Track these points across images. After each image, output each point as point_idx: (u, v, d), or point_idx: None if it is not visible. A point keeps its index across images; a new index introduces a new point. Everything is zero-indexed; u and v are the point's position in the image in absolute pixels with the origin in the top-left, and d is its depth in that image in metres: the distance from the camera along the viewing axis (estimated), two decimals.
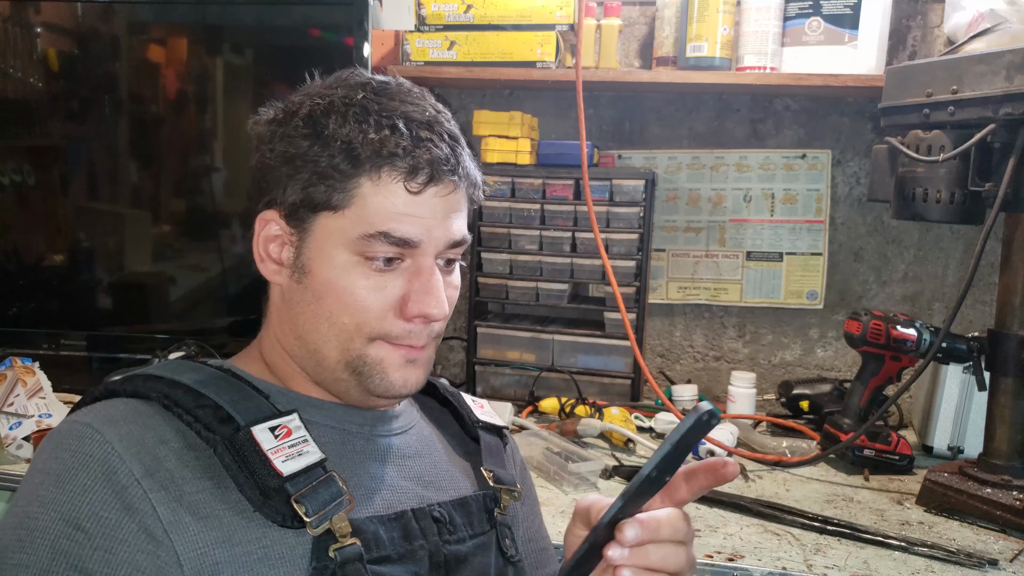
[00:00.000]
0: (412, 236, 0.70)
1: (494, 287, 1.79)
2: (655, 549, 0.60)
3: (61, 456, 0.64)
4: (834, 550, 1.10)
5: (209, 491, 0.65)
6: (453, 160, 0.72)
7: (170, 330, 1.64)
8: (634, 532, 0.59)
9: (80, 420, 0.66)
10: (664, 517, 0.61)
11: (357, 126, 0.70)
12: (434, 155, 0.70)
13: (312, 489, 0.66)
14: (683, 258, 1.90)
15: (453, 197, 0.73)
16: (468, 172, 0.74)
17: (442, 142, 0.71)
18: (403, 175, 0.70)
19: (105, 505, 0.61)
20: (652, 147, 1.89)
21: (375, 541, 0.68)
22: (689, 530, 0.63)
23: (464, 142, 0.75)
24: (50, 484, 0.63)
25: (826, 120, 1.82)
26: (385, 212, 0.70)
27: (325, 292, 0.72)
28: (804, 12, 1.63)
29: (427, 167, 0.70)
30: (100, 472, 0.62)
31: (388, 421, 0.81)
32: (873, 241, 1.84)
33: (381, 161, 0.69)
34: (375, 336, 0.72)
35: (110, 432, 0.64)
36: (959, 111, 1.18)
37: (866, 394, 1.42)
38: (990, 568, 1.06)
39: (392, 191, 0.70)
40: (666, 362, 1.94)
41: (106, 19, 1.63)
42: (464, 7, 1.68)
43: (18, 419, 1.29)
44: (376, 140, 0.69)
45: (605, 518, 0.59)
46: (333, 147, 0.70)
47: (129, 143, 1.67)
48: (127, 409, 0.68)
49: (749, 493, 1.29)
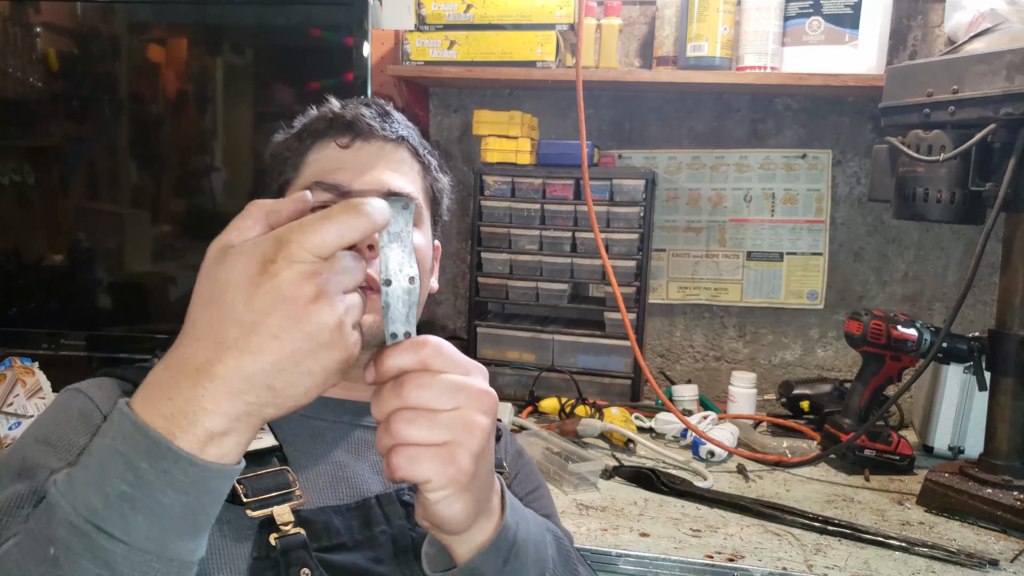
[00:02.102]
0: (341, 181, 0.80)
1: (494, 287, 1.79)
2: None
3: (49, 410, 0.74)
4: (834, 550, 1.10)
5: None
6: (380, 120, 0.83)
7: (170, 330, 1.62)
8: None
9: (71, 386, 0.77)
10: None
11: (307, 115, 0.87)
12: (358, 113, 0.83)
13: (257, 476, 0.69)
14: (683, 258, 1.90)
15: (385, 154, 0.83)
16: (400, 134, 0.84)
17: (369, 109, 0.84)
18: (334, 135, 0.83)
19: (75, 432, 0.68)
20: (652, 147, 1.89)
21: (326, 530, 0.70)
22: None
23: (402, 120, 0.87)
24: (35, 425, 0.72)
25: (826, 120, 1.82)
26: (320, 167, 0.82)
27: None
28: (804, 12, 1.62)
29: (352, 123, 0.82)
30: (76, 415, 0.71)
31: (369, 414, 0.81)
32: (873, 241, 1.84)
33: (318, 129, 0.84)
34: None
35: (93, 391, 0.73)
36: (959, 111, 1.18)
37: (866, 394, 1.42)
38: (991, 568, 1.06)
39: (327, 151, 0.83)
40: (666, 362, 1.94)
41: (106, 19, 1.63)
42: (464, 7, 1.68)
43: (17, 419, 1.29)
44: (316, 116, 0.86)
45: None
46: (291, 135, 0.86)
47: (129, 143, 1.67)
48: (112, 383, 0.76)
49: (749, 493, 1.29)
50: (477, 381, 0.55)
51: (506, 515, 0.62)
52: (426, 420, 0.52)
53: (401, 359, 0.53)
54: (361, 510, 0.73)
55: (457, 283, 2.01)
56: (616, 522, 1.16)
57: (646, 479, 1.30)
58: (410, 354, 0.53)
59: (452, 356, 0.54)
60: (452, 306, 2.03)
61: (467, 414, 0.53)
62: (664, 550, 1.08)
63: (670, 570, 1.06)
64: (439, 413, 0.52)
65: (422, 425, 0.52)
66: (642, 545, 1.09)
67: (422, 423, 0.52)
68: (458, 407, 0.53)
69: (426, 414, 0.52)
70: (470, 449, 0.53)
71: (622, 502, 1.24)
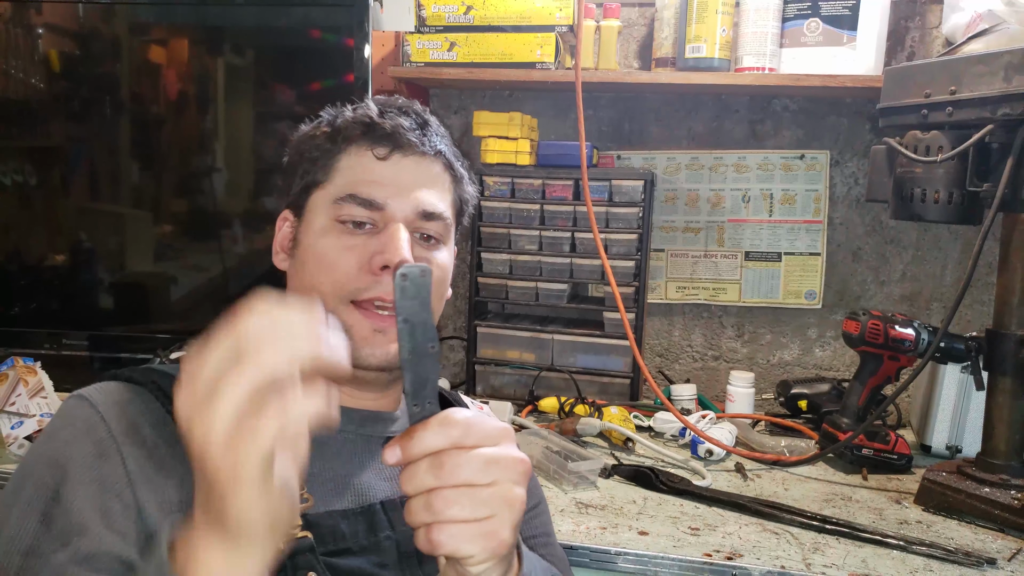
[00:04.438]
0: (377, 198, 0.77)
1: (494, 287, 1.79)
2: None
3: (55, 421, 0.73)
4: (832, 549, 1.10)
5: (180, 457, 0.68)
6: (419, 133, 0.80)
7: (171, 330, 1.65)
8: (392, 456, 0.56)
9: (76, 392, 0.75)
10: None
11: (340, 114, 0.83)
12: (397, 124, 0.79)
13: None
14: (682, 258, 1.91)
15: (422, 170, 0.80)
16: (438, 148, 0.82)
17: (408, 118, 0.81)
18: (370, 143, 0.79)
19: (82, 451, 0.68)
20: (651, 148, 1.90)
21: (332, 534, 0.70)
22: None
23: (439, 131, 0.84)
24: (42, 441, 0.71)
25: (824, 121, 1.82)
26: (355, 178, 0.79)
27: (308, 257, 0.79)
28: (803, 13, 1.63)
29: (391, 135, 0.79)
30: (83, 429, 0.70)
31: (379, 423, 0.82)
32: (871, 241, 1.84)
33: (352, 133, 0.80)
34: (348, 297, 0.77)
35: (97, 398, 0.72)
36: (957, 112, 1.19)
37: (864, 393, 1.43)
38: (988, 567, 1.06)
39: (362, 160, 0.79)
40: (665, 362, 1.95)
41: (107, 20, 1.64)
42: (464, 8, 1.68)
43: (20, 419, 1.29)
44: (350, 118, 0.81)
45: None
46: (321, 133, 0.82)
47: (130, 143, 1.68)
48: (117, 388, 0.75)
49: (748, 492, 1.29)
50: (509, 450, 0.56)
51: (524, 569, 0.65)
52: (467, 499, 0.53)
53: (432, 441, 0.54)
54: (366, 515, 0.73)
55: (457, 283, 2.02)
56: (615, 520, 1.17)
57: (645, 478, 1.30)
58: (440, 436, 0.54)
59: (482, 428, 0.55)
60: (452, 306, 2.03)
61: (505, 488, 0.55)
62: (663, 548, 1.08)
63: (669, 568, 1.06)
64: (478, 489, 0.54)
65: (464, 504, 0.53)
66: (641, 543, 1.10)
67: (464, 502, 0.53)
68: (495, 481, 0.54)
69: (466, 491, 0.53)
70: (510, 522, 0.55)
71: (621, 501, 1.24)
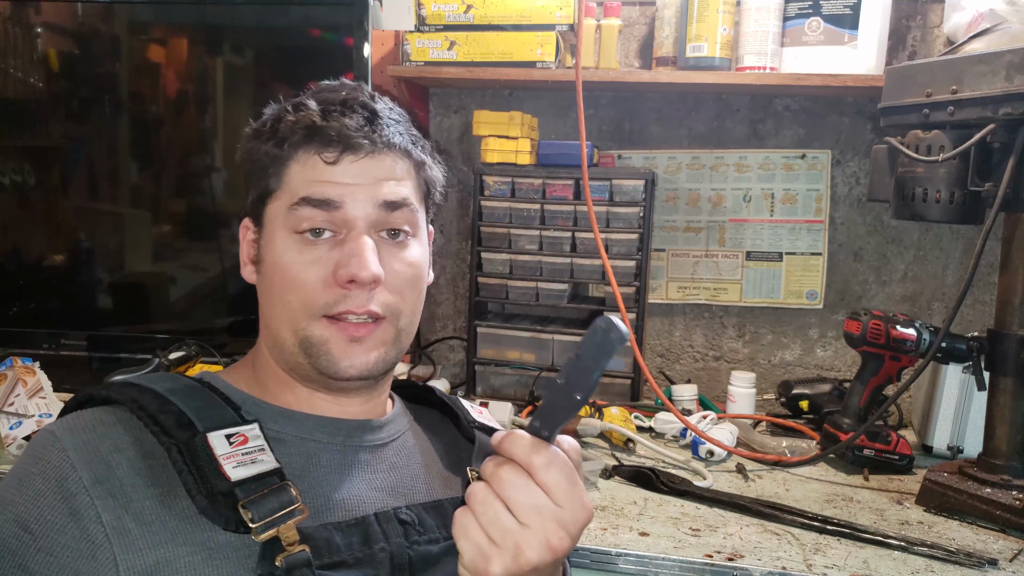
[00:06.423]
0: (332, 196, 0.74)
1: (494, 287, 1.79)
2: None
3: (26, 461, 0.70)
4: (834, 550, 1.10)
5: (157, 498, 0.67)
6: (367, 128, 0.75)
7: (170, 330, 1.64)
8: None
9: (48, 428, 0.71)
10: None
11: (283, 116, 0.78)
12: (342, 124, 0.74)
13: (262, 496, 0.67)
14: (683, 258, 1.90)
15: (374, 163, 0.76)
16: (390, 141, 0.77)
17: (354, 114, 0.76)
18: (316, 147, 0.75)
19: (53, 510, 0.65)
20: (652, 147, 1.89)
21: (327, 547, 0.69)
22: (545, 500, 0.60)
23: (390, 118, 0.78)
24: (12, 486, 0.68)
25: (826, 120, 1.82)
26: (307, 182, 0.75)
27: (273, 274, 0.77)
28: (804, 12, 1.63)
29: (337, 136, 0.74)
30: (53, 478, 0.67)
31: (366, 432, 0.81)
32: (873, 241, 1.84)
33: (298, 139, 0.75)
34: (319, 312, 0.75)
35: (69, 440, 0.69)
36: (959, 111, 1.18)
37: (866, 394, 1.42)
38: (990, 568, 1.06)
39: (312, 164, 0.75)
40: (666, 362, 1.94)
41: (106, 19, 1.63)
42: (464, 7, 1.68)
43: (18, 419, 1.29)
44: (292, 121, 0.76)
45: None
46: (265, 139, 0.78)
47: (129, 143, 1.67)
48: (91, 419, 0.71)
49: (749, 493, 1.29)
50: (569, 500, 0.60)
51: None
52: (503, 515, 0.59)
53: (523, 453, 0.60)
54: (360, 527, 0.72)
55: (457, 283, 2.01)
56: (616, 521, 1.16)
57: (646, 478, 1.30)
58: (533, 455, 0.59)
59: (560, 475, 0.60)
60: (452, 306, 2.03)
61: (540, 528, 0.59)
62: (663, 549, 1.08)
63: (669, 569, 1.06)
64: (514, 512, 0.59)
65: (492, 519, 0.59)
66: (642, 544, 1.09)
67: (498, 517, 0.59)
68: (529, 525, 0.59)
69: (505, 509, 0.59)
70: (535, 555, 0.59)
71: (622, 501, 1.24)
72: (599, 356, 0.56)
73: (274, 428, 0.75)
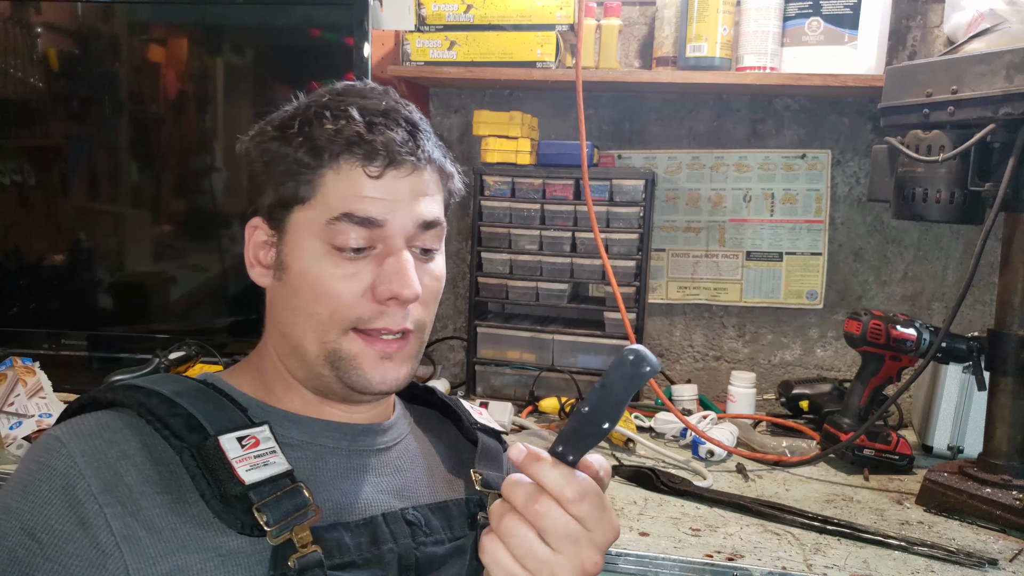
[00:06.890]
0: (375, 215, 0.72)
1: (494, 287, 1.79)
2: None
3: (30, 467, 0.67)
4: (834, 550, 1.10)
5: (168, 505, 0.66)
6: (411, 144, 0.73)
7: (170, 330, 1.64)
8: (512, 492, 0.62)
9: (53, 433, 0.69)
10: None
11: (317, 121, 0.73)
12: (389, 138, 0.72)
13: (276, 499, 0.67)
14: (683, 258, 1.90)
15: (416, 179, 0.74)
16: (431, 156, 0.76)
17: (398, 127, 0.73)
18: (361, 160, 0.72)
19: (60, 518, 0.64)
20: (652, 147, 1.89)
21: (338, 548, 0.69)
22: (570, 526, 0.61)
23: (426, 129, 0.77)
24: (17, 493, 0.66)
25: (826, 120, 1.82)
26: (347, 196, 0.72)
27: (300, 284, 0.74)
28: (804, 12, 1.63)
29: (383, 151, 0.72)
30: (60, 486, 0.65)
31: (371, 435, 0.81)
32: (873, 241, 1.84)
33: (339, 149, 0.72)
34: (349, 325, 0.73)
35: (75, 446, 0.67)
36: (959, 111, 1.18)
37: (866, 394, 1.42)
38: (990, 568, 1.06)
39: (353, 177, 0.72)
40: (666, 362, 1.94)
41: (106, 19, 1.63)
42: (464, 7, 1.68)
43: (18, 419, 1.29)
44: (332, 130, 0.72)
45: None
46: (296, 143, 0.73)
47: (130, 143, 1.67)
48: (98, 424, 0.70)
49: (749, 493, 1.29)
50: (595, 524, 0.61)
51: None
52: (527, 541, 0.61)
53: (549, 478, 0.60)
54: (369, 527, 0.72)
55: (457, 283, 2.01)
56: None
57: (646, 478, 1.30)
58: (556, 480, 0.60)
59: (591, 504, 0.61)
60: (452, 306, 2.03)
61: (574, 553, 0.61)
62: (664, 549, 1.08)
63: (670, 569, 1.06)
64: (546, 540, 0.61)
65: (517, 544, 0.60)
66: (642, 544, 1.09)
67: (520, 544, 0.61)
68: (561, 550, 0.60)
69: (534, 536, 0.61)
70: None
71: (622, 501, 1.24)
72: (629, 387, 0.58)
73: (280, 432, 0.74)
